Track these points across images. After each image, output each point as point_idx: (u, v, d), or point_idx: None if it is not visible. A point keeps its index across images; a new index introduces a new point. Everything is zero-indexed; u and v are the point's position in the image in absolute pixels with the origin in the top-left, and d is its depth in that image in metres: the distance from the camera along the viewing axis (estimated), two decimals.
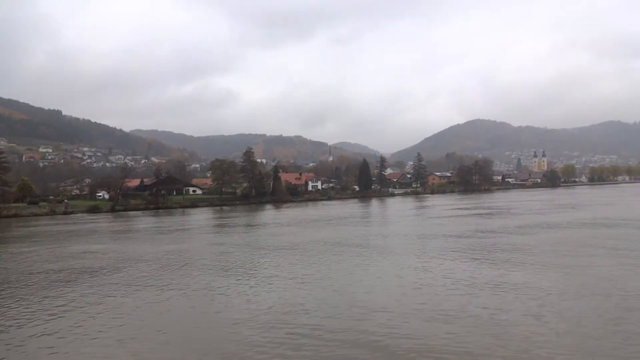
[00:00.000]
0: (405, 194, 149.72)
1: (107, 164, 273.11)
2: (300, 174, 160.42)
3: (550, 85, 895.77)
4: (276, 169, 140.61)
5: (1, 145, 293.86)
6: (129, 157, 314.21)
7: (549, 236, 36.67)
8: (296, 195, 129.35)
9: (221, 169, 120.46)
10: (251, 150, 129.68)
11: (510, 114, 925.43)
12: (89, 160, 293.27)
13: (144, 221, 70.08)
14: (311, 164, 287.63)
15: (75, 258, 33.43)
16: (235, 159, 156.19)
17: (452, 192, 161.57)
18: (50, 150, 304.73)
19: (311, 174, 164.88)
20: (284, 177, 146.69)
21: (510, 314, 16.70)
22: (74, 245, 41.50)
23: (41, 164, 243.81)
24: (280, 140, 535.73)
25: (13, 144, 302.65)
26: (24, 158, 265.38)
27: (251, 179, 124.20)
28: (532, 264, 25.30)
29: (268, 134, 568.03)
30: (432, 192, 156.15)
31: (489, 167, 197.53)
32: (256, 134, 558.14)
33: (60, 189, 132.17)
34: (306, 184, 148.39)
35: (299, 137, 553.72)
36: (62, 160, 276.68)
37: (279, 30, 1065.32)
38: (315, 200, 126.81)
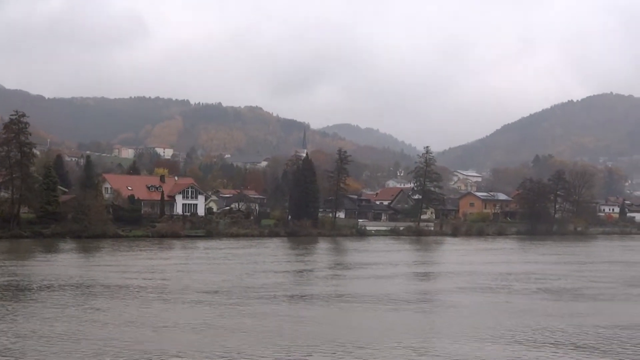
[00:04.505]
0: (393, 233, 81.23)
1: None
2: (162, 179, 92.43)
3: None
4: (89, 162, 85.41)
5: None
6: None
7: None
8: (135, 222, 71.69)
9: None
10: (22, 116, 66.19)
11: None
12: None
13: None
14: (263, 163, 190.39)
15: None
16: (124, 146, 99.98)
17: (501, 233, 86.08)
18: None
19: (189, 180, 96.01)
20: (117, 181, 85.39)
21: None
22: None
23: None
24: (216, 114, 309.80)
25: None
26: None
27: (18, 182, 65.78)
28: None
29: (194, 100, 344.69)
30: (456, 233, 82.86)
31: (588, 185, 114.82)
32: (171, 100, 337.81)
33: None
34: (169, 199, 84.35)
35: (255, 110, 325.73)
36: None
37: None
38: (175, 237, 69.29)
